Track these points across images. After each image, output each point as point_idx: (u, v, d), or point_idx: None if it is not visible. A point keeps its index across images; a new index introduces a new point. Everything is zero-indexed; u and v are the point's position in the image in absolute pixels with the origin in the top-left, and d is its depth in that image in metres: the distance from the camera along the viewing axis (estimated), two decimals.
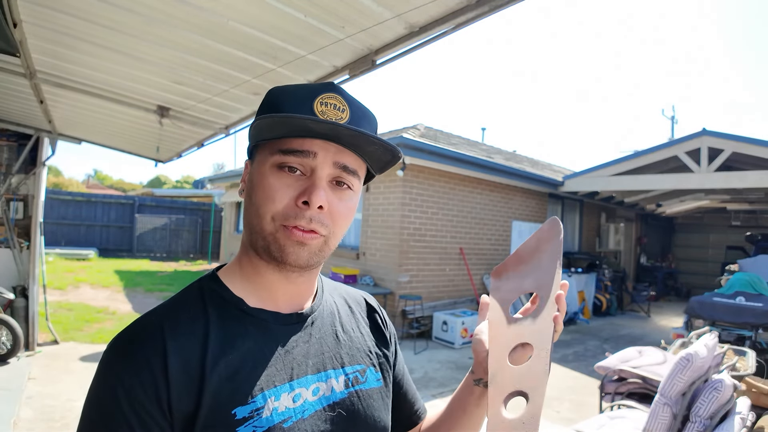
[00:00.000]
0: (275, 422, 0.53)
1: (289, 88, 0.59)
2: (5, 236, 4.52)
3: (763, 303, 4.38)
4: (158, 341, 0.51)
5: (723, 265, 6.66)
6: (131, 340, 0.53)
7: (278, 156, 0.56)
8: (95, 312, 6.39)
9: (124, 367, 0.50)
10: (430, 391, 4.24)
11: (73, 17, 1.83)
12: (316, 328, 0.64)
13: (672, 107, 43.44)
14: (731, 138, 6.57)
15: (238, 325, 0.57)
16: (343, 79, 2.16)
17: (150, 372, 0.50)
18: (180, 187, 32.68)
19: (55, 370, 3.97)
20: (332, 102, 0.57)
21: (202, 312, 0.56)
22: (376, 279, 6.58)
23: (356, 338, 0.69)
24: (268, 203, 0.55)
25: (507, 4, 1.47)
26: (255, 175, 0.58)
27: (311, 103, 0.56)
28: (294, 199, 0.55)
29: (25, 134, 4.53)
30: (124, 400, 0.48)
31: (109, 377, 0.50)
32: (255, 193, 0.57)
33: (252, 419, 0.52)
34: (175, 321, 0.54)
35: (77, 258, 11.76)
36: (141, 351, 0.51)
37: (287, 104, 0.56)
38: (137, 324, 0.54)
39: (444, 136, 8.17)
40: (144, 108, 3.04)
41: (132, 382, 0.49)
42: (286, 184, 0.55)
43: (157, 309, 0.57)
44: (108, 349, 0.53)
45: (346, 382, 0.63)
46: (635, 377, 2.88)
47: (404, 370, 0.78)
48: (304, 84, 0.60)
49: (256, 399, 0.53)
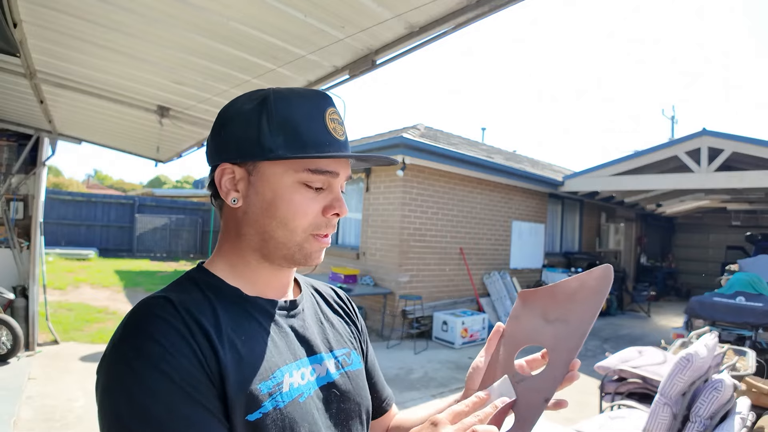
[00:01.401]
0: (294, 397, 0.57)
1: (294, 99, 0.59)
2: (5, 236, 4.52)
3: (763, 303, 4.38)
4: (179, 313, 0.52)
5: (723, 265, 6.66)
6: (153, 314, 0.52)
7: (306, 174, 0.59)
8: (95, 312, 6.39)
9: (156, 340, 0.49)
10: (430, 391, 4.24)
11: (73, 17, 1.83)
12: (307, 315, 0.68)
13: (672, 107, 43.45)
14: (731, 138, 6.57)
15: (241, 309, 0.59)
16: (343, 79, 2.16)
17: (184, 339, 0.50)
18: (180, 187, 32.70)
19: (55, 370, 3.97)
20: (336, 117, 0.62)
21: (204, 296, 0.58)
22: (376, 279, 6.58)
23: (336, 324, 0.74)
24: (300, 218, 0.59)
25: (507, 4, 1.47)
26: (268, 190, 0.59)
27: (323, 121, 0.60)
28: (320, 212, 0.60)
29: (25, 134, 4.52)
30: (175, 374, 0.48)
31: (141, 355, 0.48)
32: (278, 207, 0.59)
33: (274, 394, 0.55)
34: (184, 298, 0.55)
35: (77, 258, 11.76)
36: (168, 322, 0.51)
37: (303, 123, 0.59)
38: (149, 302, 0.54)
39: (444, 136, 8.17)
40: (144, 108, 3.04)
41: (171, 353, 0.48)
42: (310, 198, 0.60)
43: (160, 292, 0.57)
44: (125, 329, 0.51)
45: (337, 364, 0.67)
46: (635, 377, 2.88)
47: (374, 359, 0.82)
48: (304, 92, 0.61)
49: (276, 375, 0.56)
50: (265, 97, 0.59)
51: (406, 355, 5.37)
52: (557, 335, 0.58)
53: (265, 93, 0.60)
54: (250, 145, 0.58)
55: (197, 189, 21.43)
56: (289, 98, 0.59)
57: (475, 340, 6.14)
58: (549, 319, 0.60)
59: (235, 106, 0.61)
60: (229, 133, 0.59)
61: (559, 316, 0.59)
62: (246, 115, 0.59)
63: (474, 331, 6.13)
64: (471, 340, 6.07)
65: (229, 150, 0.59)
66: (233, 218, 0.62)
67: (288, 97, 0.59)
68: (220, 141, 0.60)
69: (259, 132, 0.57)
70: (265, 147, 0.57)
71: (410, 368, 4.89)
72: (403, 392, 4.15)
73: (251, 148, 0.58)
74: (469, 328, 6.05)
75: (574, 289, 0.60)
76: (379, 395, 0.80)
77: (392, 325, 6.14)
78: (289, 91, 0.60)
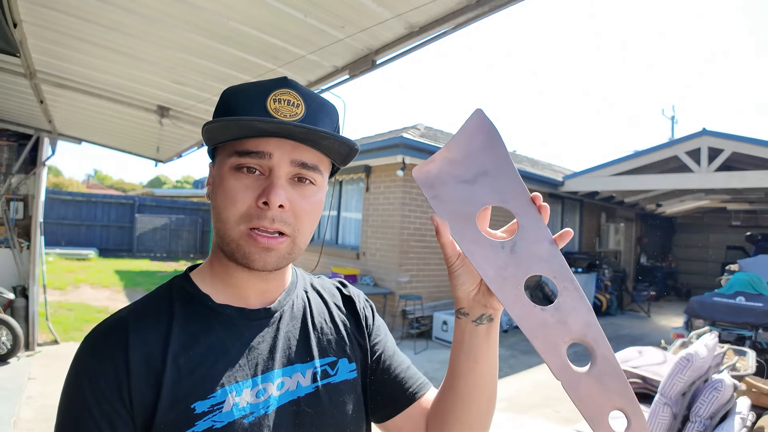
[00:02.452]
0: (235, 417, 0.53)
1: (242, 87, 0.58)
2: (5, 236, 4.52)
3: (763, 303, 4.38)
4: (122, 335, 0.54)
5: (723, 265, 6.65)
6: (99, 335, 0.55)
7: (235, 158, 0.55)
8: (95, 312, 6.39)
9: (90, 360, 0.53)
10: None
11: (73, 17, 1.83)
12: (284, 323, 0.63)
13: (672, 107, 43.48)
14: (731, 138, 6.57)
15: (202, 321, 0.58)
16: (343, 79, 2.16)
17: (112, 364, 0.52)
18: (180, 187, 32.71)
19: (55, 370, 3.97)
20: (286, 98, 0.56)
21: (168, 308, 0.58)
22: (376, 279, 6.58)
23: (328, 330, 0.67)
24: (229, 206, 0.54)
25: (507, 4, 1.47)
26: (216, 178, 0.58)
27: (264, 101, 0.55)
28: (255, 200, 0.54)
29: (25, 134, 4.52)
30: (88, 391, 0.51)
31: (77, 370, 0.53)
32: (216, 196, 0.56)
33: (211, 413, 0.53)
34: (141, 316, 0.57)
35: (77, 258, 11.76)
36: (106, 345, 0.54)
37: (240, 104, 0.56)
38: (107, 320, 0.57)
39: (444, 136, 8.16)
40: (144, 108, 3.04)
41: (96, 374, 0.52)
42: (245, 185, 0.54)
43: (129, 306, 0.59)
44: (80, 344, 0.55)
45: (314, 376, 0.62)
46: (635, 377, 2.88)
47: (393, 352, 0.75)
48: (257, 81, 0.58)
49: (216, 394, 0.54)
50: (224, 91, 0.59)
51: (407, 355, 5.37)
52: (494, 187, 0.51)
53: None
54: (205, 140, 0.58)
55: (197, 189, 21.42)
56: (240, 86, 0.58)
57: None
58: (468, 179, 0.52)
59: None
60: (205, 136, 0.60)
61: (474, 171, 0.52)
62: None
63: None
64: None
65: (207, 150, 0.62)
66: None
67: (240, 86, 0.58)
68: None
69: (204, 126, 0.55)
70: (205, 138, 0.57)
71: None
72: None
73: (206, 142, 0.59)
74: None
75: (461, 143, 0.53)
76: (402, 383, 0.71)
77: (392, 325, 6.14)
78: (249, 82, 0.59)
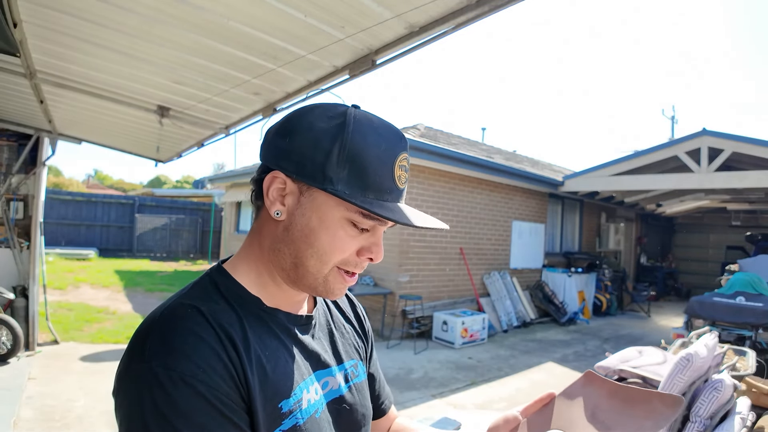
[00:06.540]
0: (311, 413, 0.58)
1: (370, 140, 0.55)
2: (5, 236, 4.52)
3: (763, 303, 4.38)
4: (209, 328, 0.51)
5: (723, 265, 6.65)
6: (177, 336, 0.49)
7: (357, 216, 0.56)
8: (95, 312, 6.39)
9: (189, 362, 0.47)
10: (430, 391, 4.24)
11: (73, 17, 1.83)
12: (318, 328, 0.68)
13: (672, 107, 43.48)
14: (731, 138, 6.57)
15: (263, 322, 0.59)
16: (343, 79, 2.16)
17: (217, 356, 0.50)
18: (180, 187, 32.68)
19: (56, 370, 3.97)
20: (405, 164, 0.59)
21: (229, 306, 0.57)
22: (376, 279, 6.58)
23: (346, 334, 0.74)
24: (336, 253, 0.57)
25: (507, 4, 1.47)
26: (315, 217, 0.56)
27: (392, 167, 0.56)
28: (357, 251, 0.58)
29: (25, 134, 4.53)
30: (209, 394, 0.47)
31: (176, 380, 0.46)
32: (318, 237, 0.56)
33: (294, 412, 0.56)
34: (212, 310, 0.54)
35: (77, 258, 11.76)
36: (197, 340, 0.49)
37: (373, 168, 0.55)
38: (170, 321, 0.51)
39: (444, 136, 8.17)
40: (144, 108, 3.03)
41: (208, 373, 0.48)
42: (352, 236, 0.58)
43: (179, 301, 0.55)
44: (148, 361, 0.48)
45: (346, 377, 0.68)
46: (635, 377, 2.88)
47: (377, 362, 0.83)
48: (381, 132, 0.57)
49: (296, 392, 0.57)
50: (343, 123, 0.55)
51: (406, 355, 5.38)
52: None
53: (344, 117, 0.56)
54: (313, 168, 0.54)
55: (197, 189, 21.43)
56: (366, 132, 0.55)
57: (475, 340, 6.14)
58: (596, 417, 0.57)
59: (309, 117, 0.56)
60: (296, 145, 0.55)
61: (606, 420, 0.56)
62: (318, 133, 0.55)
63: (474, 331, 6.13)
64: (471, 340, 6.07)
65: (290, 161, 0.56)
66: (271, 230, 0.60)
67: (365, 131, 0.55)
68: (284, 148, 0.56)
69: (326, 159, 0.54)
70: (327, 176, 0.54)
71: (410, 368, 4.89)
72: (403, 392, 4.15)
73: (313, 171, 0.54)
74: (469, 328, 6.05)
75: (636, 402, 0.57)
76: (381, 397, 0.81)
77: (392, 325, 6.14)
78: (368, 121, 0.56)
